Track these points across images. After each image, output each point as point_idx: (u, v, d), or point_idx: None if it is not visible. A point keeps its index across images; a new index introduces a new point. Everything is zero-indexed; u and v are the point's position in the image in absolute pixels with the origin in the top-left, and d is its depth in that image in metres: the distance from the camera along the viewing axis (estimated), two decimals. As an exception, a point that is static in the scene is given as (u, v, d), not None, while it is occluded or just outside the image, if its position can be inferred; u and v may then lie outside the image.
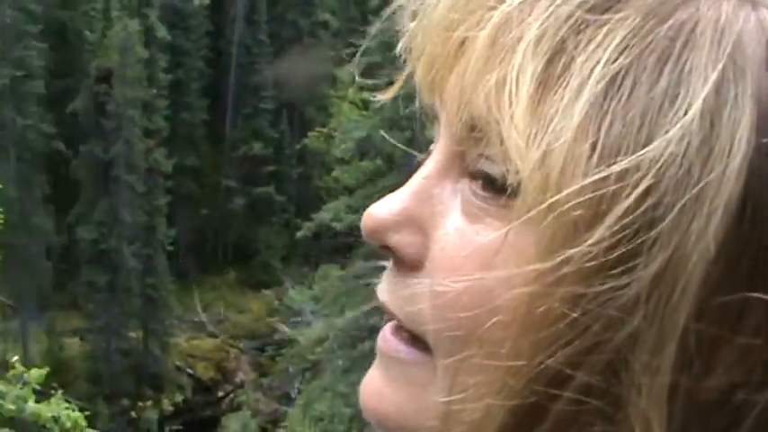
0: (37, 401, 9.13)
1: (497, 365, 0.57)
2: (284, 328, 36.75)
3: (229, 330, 40.13)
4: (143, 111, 34.91)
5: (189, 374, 36.27)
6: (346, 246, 39.74)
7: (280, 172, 45.13)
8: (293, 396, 33.83)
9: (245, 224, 45.06)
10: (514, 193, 0.58)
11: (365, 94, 31.77)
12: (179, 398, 34.63)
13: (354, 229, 30.90)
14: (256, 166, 44.42)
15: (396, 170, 29.42)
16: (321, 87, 46.70)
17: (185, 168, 39.96)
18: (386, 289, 0.68)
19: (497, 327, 0.57)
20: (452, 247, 0.61)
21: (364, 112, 31.38)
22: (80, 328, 33.93)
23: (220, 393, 37.20)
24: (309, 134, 43.98)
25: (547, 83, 0.57)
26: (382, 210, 0.66)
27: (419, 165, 0.69)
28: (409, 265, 0.65)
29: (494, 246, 0.58)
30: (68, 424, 9.04)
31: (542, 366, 0.56)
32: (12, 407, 8.81)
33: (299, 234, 34.35)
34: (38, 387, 9.32)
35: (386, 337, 0.69)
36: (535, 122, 0.56)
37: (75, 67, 37.42)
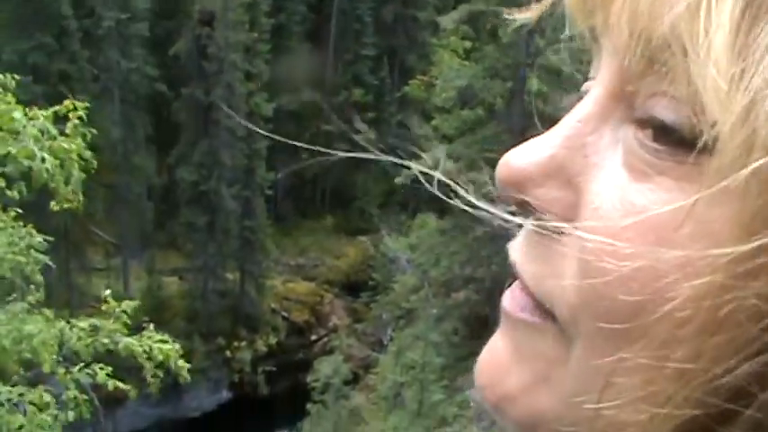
0: (130, 335, 9.27)
1: (663, 369, 0.46)
2: (379, 276, 36.90)
3: (325, 275, 40.44)
4: (244, 54, 35.00)
5: (283, 317, 36.70)
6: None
7: (380, 118, 44.98)
8: (385, 343, 34.02)
9: (344, 170, 45.15)
10: (704, 149, 0.46)
11: (467, 43, 31.41)
12: (273, 339, 35.11)
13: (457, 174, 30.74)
14: (357, 112, 44.34)
15: (496, 120, 29.07)
16: (423, 35, 46.36)
17: (285, 112, 40.08)
18: (521, 249, 0.59)
19: (668, 322, 0.46)
20: (611, 210, 0.50)
21: (465, 61, 30.97)
22: (179, 267, 34.53)
23: (313, 337, 37.58)
24: (410, 82, 43.84)
25: (760, 4, 0.45)
26: (524, 157, 0.56)
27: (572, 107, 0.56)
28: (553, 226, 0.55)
29: (671, 216, 0.47)
30: (160, 357, 9.14)
31: (726, 378, 0.44)
32: (106, 341, 8.93)
33: (396, 181, 34.31)
34: (129, 322, 9.44)
35: (513, 295, 0.59)
36: (741, 58, 0.44)
37: (179, 10, 37.70)
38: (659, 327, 0.46)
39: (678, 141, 0.47)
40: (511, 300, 0.58)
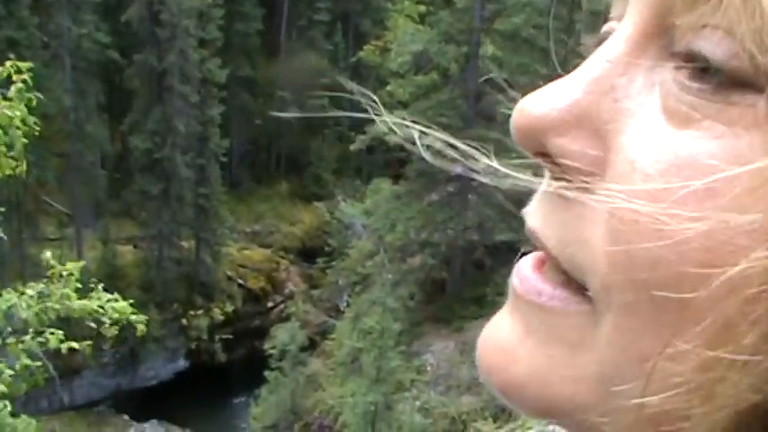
0: (80, 298, 9.19)
1: (725, 353, 0.40)
2: (335, 242, 36.92)
3: (280, 242, 40.39)
4: (198, 20, 34.60)
5: (239, 284, 36.63)
6: (399, 160, 39.61)
7: (334, 84, 44.79)
8: (342, 309, 34.13)
9: (299, 136, 45.00)
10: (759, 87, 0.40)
11: (422, 7, 31.31)
12: (229, 307, 35.04)
13: (410, 143, 30.77)
14: (311, 77, 44.15)
15: (451, 85, 29.08)
16: (377, 0, 46.24)
17: (239, 79, 39.79)
18: (539, 213, 0.52)
19: (735, 298, 0.39)
20: (649, 162, 0.43)
21: (420, 26, 30.89)
22: (133, 236, 34.29)
23: (270, 304, 37.57)
24: (365, 47, 43.71)
25: None
26: (543, 103, 0.49)
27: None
28: (578, 181, 0.48)
29: (729, 169, 0.40)
30: (116, 314, 9.08)
31: None
32: (58, 306, 8.86)
33: (351, 147, 34.26)
34: (79, 285, 9.35)
35: (524, 275, 0.52)
36: None
37: (130, -25, 37.21)
38: (723, 304, 0.39)
39: (728, 81, 0.41)
40: (522, 278, 0.52)
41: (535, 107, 0.49)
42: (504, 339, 0.52)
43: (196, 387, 31.84)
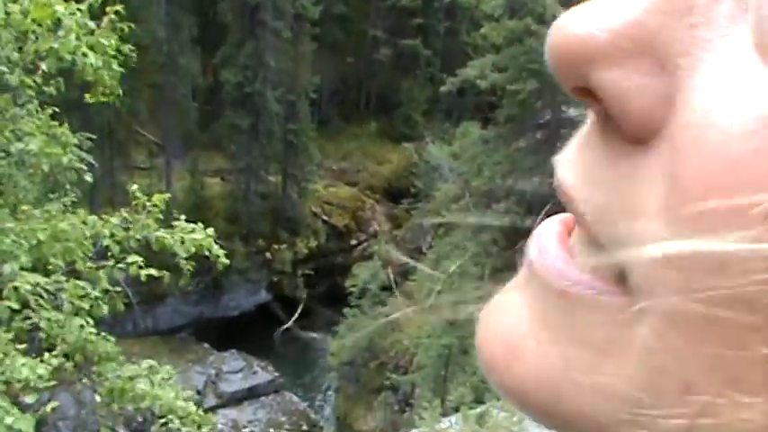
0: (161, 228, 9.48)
1: None
2: (421, 183, 37.00)
3: (367, 181, 40.60)
4: (292, -45, 34.65)
5: (324, 221, 37.01)
6: (489, 104, 39.37)
7: (427, 25, 44.52)
8: (425, 251, 34.29)
9: (390, 76, 44.94)
10: None
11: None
12: (313, 243, 35.47)
13: (499, 88, 30.61)
14: (404, 17, 43.92)
15: (545, 31, 28.72)
16: (474, -60, 45.54)
17: (332, 16, 39.81)
18: (575, 164, 0.40)
19: None
20: (731, 114, 0.32)
21: (515, -31, 30.42)
22: (221, 168, 34.81)
23: (353, 242, 37.92)
24: (459, -12, 43.27)
25: None
26: (591, 21, 0.36)
27: None
28: (631, 131, 0.35)
29: None
30: (193, 249, 9.31)
31: None
32: (138, 236, 9.16)
33: (442, 89, 34.16)
34: (162, 216, 9.60)
35: (545, 246, 0.42)
36: None
37: None
38: None
39: None
40: (544, 243, 0.42)
41: (579, 25, 0.36)
42: (509, 328, 0.42)
43: (276, 320, 32.45)
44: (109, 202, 26.03)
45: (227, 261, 9.72)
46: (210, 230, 9.39)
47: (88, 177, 9.37)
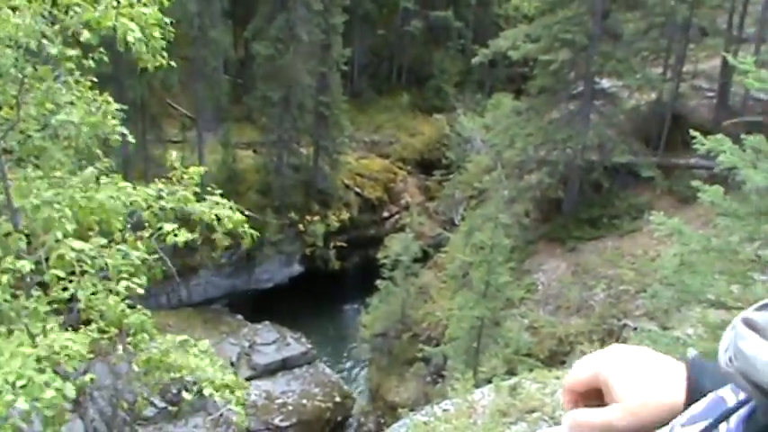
0: (197, 201, 9.60)
1: None
2: (453, 155, 36.98)
3: (399, 152, 40.60)
4: (324, -73, 34.54)
5: (356, 193, 37.08)
6: (521, 75, 39.21)
7: (459, -4, 44.49)
8: (456, 222, 34.34)
9: (421, 47, 44.84)
10: None
11: None
12: (345, 215, 35.55)
13: (531, 59, 30.47)
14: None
15: (578, 0, 28.51)
16: None
17: (364, -13, 39.81)
18: None
19: None
20: None
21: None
22: (254, 141, 34.93)
23: (385, 214, 37.99)
24: (491, -42, 43.07)
25: None
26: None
27: None
28: None
29: None
30: (230, 225, 9.42)
31: None
32: (173, 205, 9.27)
33: (474, 60, 34.06)
34: (198, 189, 9.71)
35: None
36: None
37: None
38: None
39: None
40: None
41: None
42: None
43: (309, 292, 32.63)
44: (142, 174, 26.24)
45: (254, 241, 9.84)
46: (244, 213, 9.54)
47: (131, 139, 9.49)
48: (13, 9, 7.84)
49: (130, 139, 9.80)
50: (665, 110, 30.10)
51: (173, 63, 8.94)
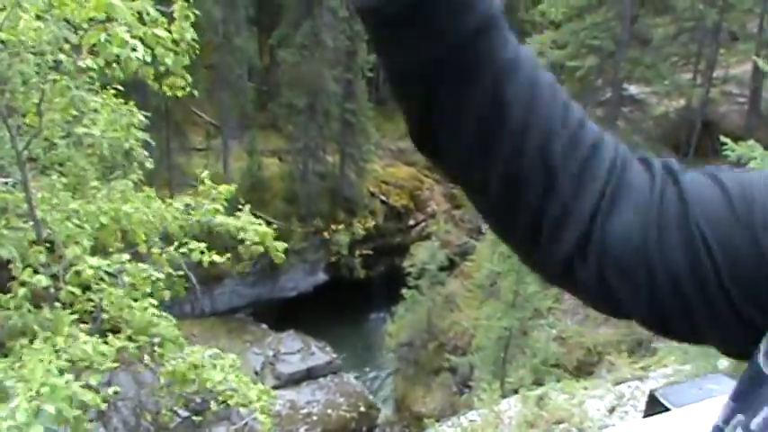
0: (229, 215, 9.60)
1: None
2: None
3: (425, 160, 40.46)
4: (349, -68, 34.55)
5: (382, 201, 37.06)
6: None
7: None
8: (483, 230, 34.19)
9: (448, 54, 44.80)
10: None
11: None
12: (370, 223, 35.53)
13: (558, 65, 30.35)
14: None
15: (606, 5, 28.42)
16: None
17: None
18: None
19: None
20: None
21: (576, -57, 30.11)
22: (279, 148, 35.00)
23: (411, 222, 37.94)
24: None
25: None
26: None
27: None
28: None
29: None
30: (256, 238, 9.41)
31: None
32: (202, 220, 9.28)
33: (500, 67, 33.94)
34: (226, 204, 9.71)
35: None
36: None
37: None
38: None
39: None
40: None
41: None
42: None
43: (334, 301, 32.61)
44: (166, 183, 26.33)
45: (283, 256, 9.82)
46: (269, 230, 9.54)
47: (149, 164, 9.51)
48: (38, 17, 7.85)
49: (145, 159, 9.79)
50: (695, 116, 29.92)
51: (196, 90, 8.96)
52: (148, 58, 7.67)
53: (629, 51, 27.47)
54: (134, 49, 7.35)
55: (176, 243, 9.11)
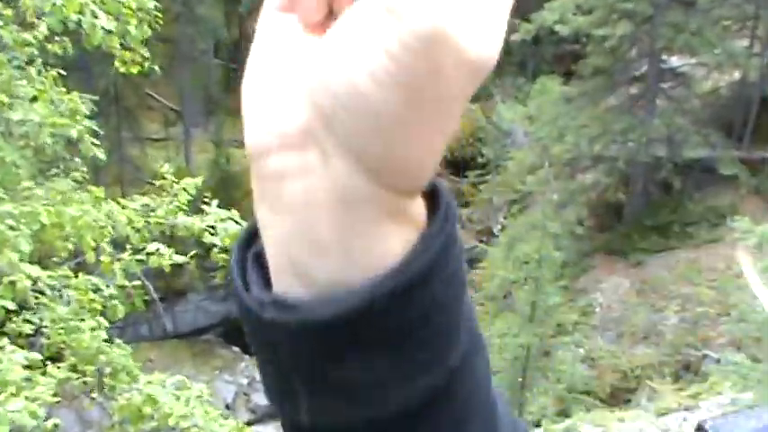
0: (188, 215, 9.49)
1: None
2: (490, 151, 36.88)
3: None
4: None
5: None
6: (572, 54, 39.09)
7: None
8: (495, 232, 34.25)
9: (449, 22, 44.79)
10: None
11: None
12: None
13: (583, 35, 30.35)
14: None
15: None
16: None
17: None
18: None
19: None
20: None
21: None
22: (252, 137, 34.85)
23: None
24: None
25: None
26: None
27: None
28: None
29: None
30: (227, 240, 9.33)
31: None
32: (163, 222, 9.19)
33: (514, 37, 33.98)
34: (189, 200, 9.64)
35: None
36: None
37: None
38: None
39: None
40: None
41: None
42: None
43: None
44: (117, 180, 26.26)
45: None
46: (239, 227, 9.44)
47: (100, 154, 9.43)
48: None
49: (97, 152, 9.70)
50: (752, 92, 29.71)
51: (154, 66, 8.90)
52: (112, 27, 7.62)
53: (669, 15, 27.38)
54: (96, 16, 7.29)
55: (130, 249, 9.03)
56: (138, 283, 9.25)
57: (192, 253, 9.03)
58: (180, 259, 8.94)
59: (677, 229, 27.76)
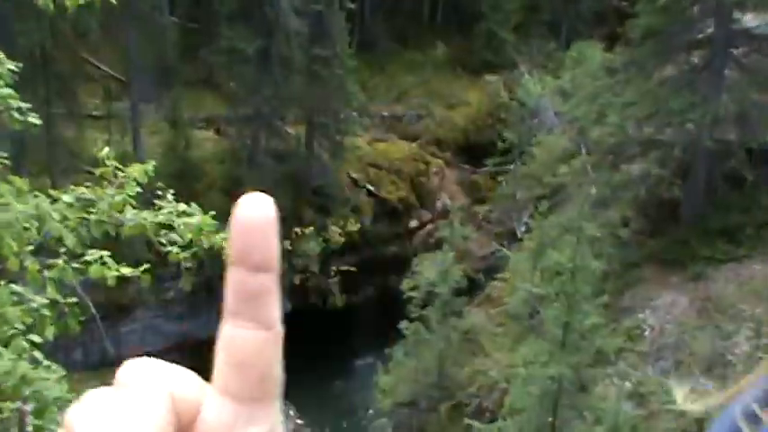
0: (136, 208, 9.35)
1: None
2: (513, 135, 36.87)
3: (432, 132, 40.51)
4: None
5: (369, 192, 36.99)
6: (616, 12, 39.04)
7: None
8: (519, 236, 34.21)
9: (464, -25, 44.76)
10: None
11: None
12: (353, 226, 35.45)
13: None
14: None
15: None
16: None
17: None
18: None
19: None
20: None
21: None
22: (216, 115, 34.89)
23: (413, 223, 37.95)
24: None
25: None
26: None
27: None
28: None
29: None
30: (189, 235, 9.21)
31: None
32: (106, 219, 9.06)
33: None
34: (137, 191, 9.51)
35: None
36: None
37: None
38: None
39: None
40: None
41: None
42: None
43: (300, 341, 32.52)
44: (45, 168, 26.11)
45: (222, 249, 9.61)
46: (207, 218, 9.33)
47: (34, 119, 9.28)
48: None
49: (34, 119, 9.57)
50: None
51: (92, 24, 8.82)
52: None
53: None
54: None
55: (65, 254, 8.91)
56: (73, 300, 9.13)
57: (144, 267, 8.90)
58: (129, 272, 8.82)
59: (750, 234, 27.60)
